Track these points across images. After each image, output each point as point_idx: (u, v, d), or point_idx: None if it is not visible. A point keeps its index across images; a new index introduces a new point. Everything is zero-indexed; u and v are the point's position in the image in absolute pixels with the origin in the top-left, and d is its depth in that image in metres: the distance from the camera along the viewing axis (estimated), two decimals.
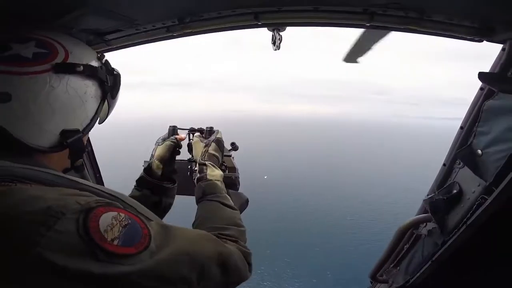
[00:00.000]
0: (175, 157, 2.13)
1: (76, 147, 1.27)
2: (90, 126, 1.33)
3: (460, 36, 1.86)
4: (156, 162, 1.99)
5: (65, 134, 1.21)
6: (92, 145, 2.94)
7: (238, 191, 2.19)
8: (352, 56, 2.63)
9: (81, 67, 1.24)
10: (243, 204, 2.08)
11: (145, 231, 0.99)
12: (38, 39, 1.19)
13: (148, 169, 2.00)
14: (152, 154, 2.04)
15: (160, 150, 2.02)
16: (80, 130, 1.27)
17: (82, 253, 0.83)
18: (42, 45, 1.18)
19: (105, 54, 1.57)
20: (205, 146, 1.96)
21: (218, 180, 1.79)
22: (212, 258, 1.20)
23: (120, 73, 1.57)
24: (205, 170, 1.81)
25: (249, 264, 1.41)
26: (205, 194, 1.70)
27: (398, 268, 2.84)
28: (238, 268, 1.33)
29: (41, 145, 1.15)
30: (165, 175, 2.03)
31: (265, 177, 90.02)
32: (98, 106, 1.36)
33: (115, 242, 0.88)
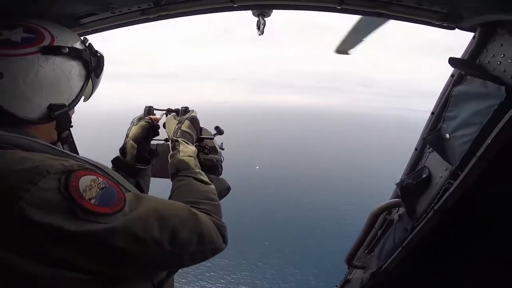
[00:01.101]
0: (151, 138, 2.14)
1: (62, 120, 1.42)
2: (75, 101, 1.48)
3: (429, 21, 1.88)
4: (131, 141, 2.01)
5: (52, 107, 1.35)
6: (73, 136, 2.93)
7: (221, 175, 2.19)
8: (344, 47, 2.65)
9: (66, 49, 1.39)
10: (224, 191, 2.07)
11: (120, 195, 1.08)
12: (25, 25, 1.32)
13: (122, 149, 2.02)
14: (127, 134, 2.06)
15: (134, 130, 2.03)
16: (66, 104, 1.42)
17: (61, 210, 0.92)
18: (29, 31, 1.32)
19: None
20: (178, 123, 1.98)
21: (191, 156, 1.81)
22: (184, 223, 1.26)
23: (103, 54, 1.69)
24: (177, 147, 1.83)
25: (223, 236, 1.46)
26: (178, 170, 1.74)
27: (372, 254, 2.88)
28: (212, 237, 1.38)
29: (31, 117, 1.29)
30: (140, 156, 2.04)
31: (257, 167, 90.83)
32: (83, 84, 1.51)
33: (92, 201, 0.97)
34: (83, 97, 1.56)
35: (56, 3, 1.74)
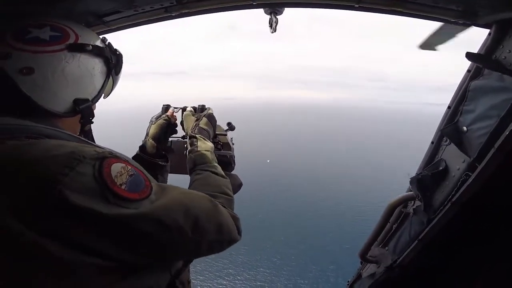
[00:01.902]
0: (169, 135, 2.21)
1: (86, 113, 1.51)
2: (98, 97, 1.56)
3: (445, 19, 1.94)
4: (150, 140, 2.09)
5: (77, 102, 1.43)
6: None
7: (233, 171, 2.25)
8: (430, 44, 2.66)
9: (90, 47, 1.47)
10: (236, 187, 2.11)
11: (147, 183, 1.14)
12: (52, 24, 1.40)
13: (143, 147, 2.10)
14: (146, 133, 2.14)
15: (153, 129, 2.11)
16: (90, 99, 1.50)
17: (95, 194, 0.97)
18: (56, 30, 1.40)
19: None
20: (195, 120, 2.06)
21: (208, 151, 1.88)
22: (206, 212, 1.32)
23: (122, 53, 1.76)
24: (195, 143, 1.91)
25: (238, 228, 1.52)
26: (196, 164, 1.82)
27: (387, 248, 2.91)
28: (229, 228, 1.45)
29: (58, 110, 1.37)
30: (159, 153, 2.12)
31: (268, 160, 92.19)
32: (104, 81, 1.59)
33: (123, 187, 1.03)
34: (103, 94, 1.64)
35: (81, 1, 1.83)
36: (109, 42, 1.69)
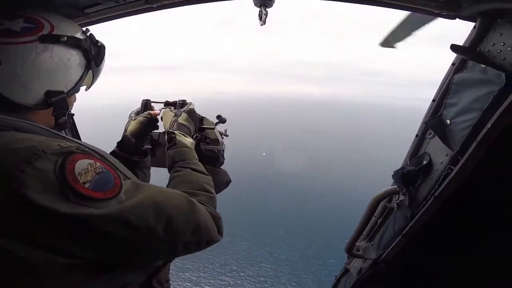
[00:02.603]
0: (149, 131, 2.17)
1: (59, 106, 1.47)
2: (74, 89, 1.53)
3: (429, 10, 1.93)
4: (129, 136, 2.04)
5: (49, 94, 1.40)
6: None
7: (222, 167, 2.20)
8: (390, 41, 2.66)
9: (65, 38, 1.43)
10: (223, 184, 2.09)
11: (116, 181, 1.10)
12: (26, 16, 1.38)
13: (121, 143, 2.04)
14: (125, 128, 2.09)
15: (132, 125, 2.07)
16: (65, 92, 1.47)
17: (54, 191, 0.94)
18: (29, 21, 1.37)
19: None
20: (174, 116, 2.01)
21: (187, 147, 1.84)
22: (181, 212, 1.28)
23: (104, 44, 1.72)
24: (173, 139, 1.85)
25: (219, 228, 1.48)
26: (175, 161, 1.77)
27: (372, 243, 2.90)
28: (208, 228, 1.40)
29: (27, 102, 1.34)
30: (138, 149, 2.07)
31: (264, 153, 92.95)
32: (83, 73, 1.56)
33: (86, 185, 0.99)
34: (84, 86, 1.63)
35: None
36: (90, 34, 1.65)
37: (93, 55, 1.61)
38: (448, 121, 2.00)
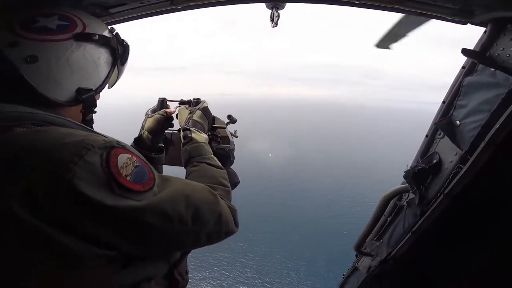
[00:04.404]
0: (165, 129, 2.20)
1: (89, 103, 1.50)
2: (101, 87, 1.56)
3: (442, 17, 1.99)
4: (146, 133, 2.09)
5: (80, 91, 1.43)
6: None
7: (232, 166, 2.24)
8: (386, 42, 2.73)
9: (97, 37, 1.47)
10: (232, 185, 2.04)
11: (151, 175, 1.18)
12: (60, 14, 1.41)
13: (138, 139, 2.10)
14: (142, 125, 2.14)
15: (149, 122, 2.11)
16: (93, 89, 1.50)
17: (101, 183, 1.00)
18: (64, 19, 1.40)
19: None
20: (189, 113, 2.07)
21: (203, 142, 1.90)
22: (206, 203, 1.37)
23: (129, 44, 1.76)
24: (189, 135, 1.91)
25: (235, 219, 1.55)
26: (191, 157, 1.83)
27: (381, 240, 2.96)
28: (228, 219, 1.48)
29: (60, 99, 1.36)
30: (154, 146, 2.12)
31: (270, 155, 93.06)
32: (109, 71, 1.59)
33: (128, 178, 1.06)
34: (108, 84, 1.64)
35: None
36: (116, 33, 1.70)
37: (120, 54, 1.65)
38: (458, 122, 2.08)
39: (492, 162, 1.81)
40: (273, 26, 2.36)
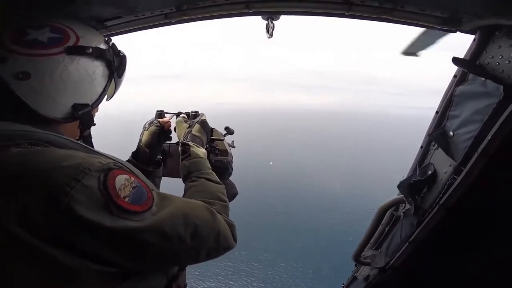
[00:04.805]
0: (163, 142, 2.20)
1: (85, 119, 1.45)
2: (98, 101, 1.51)
3: (431, 26, 1.99)
4: (143, 147, 2.07)
5: (76, 107, 1.38)
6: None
7: (231, 178, 2.24)
8: (413, 49, 2.71)
9: (91, 49, 1.41)
10: (230, 197, 2.07)
11: (149, 195, 1.16)
12: (52, 25, 1.35)
13: (135, 153, 2.08)
14: (140, 139, 2.11)
15: (145, 136, 2.09)
16: (90, 104, 1.45)
17: (99, 206, 0.99)
18: (55, 31, 1.34)
19: None
20: (188, 127, 2.04)
21: (201, 158, 1.88)
22: (205, 221, 1.35)
23: (126, 55, 1.72)
24: (187, 150, 1.89)
25: (233, 235, 1.53)
26: (190, 172, 1.81)
27: (379, 250, 2.95)
28: (226, 235, 1.47)
29: (55, 116, 1.32)
30: (152, 159, 2.10)
31: (271, 163, 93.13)
32: (106, 84, 1.53)
33: (126, 200, 1.05)
34: (106, 96, 1.59)
35: (85, 6, 1.85)
36: (112, 43, 1.65)
37: (116, 66, 1.60)
38: (451, 133, 2.07)
39: (486, 173, 1.80)
40: (269, 37, 2.36)
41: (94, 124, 1.57)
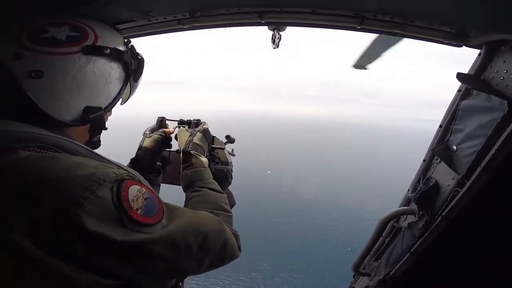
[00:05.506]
0: (163, 149, 2.19)
1: (97, 123, 1.41)
2: (112, 105, 1.46)
3: (439, 40, 2.03)
4: (143, 154, 2.06)
5: (88, 110, 1.33)
6: None
7: (230, 187, 2.25)
8: (362, 63, 2.75)
9: (108, 50, 1.37)
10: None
11: (159, 206, 1.16)
12: (72, 23, 1.33)
13: (134, 160, 2.06)
14: (139, 146, 2.09)
15: (147, 143, 2.08)
16: (102, 108, 1.40)
17: (112, 218, 0.98)
18: (75, 29, 1.32)
19: None
20: (189, 136, 2.02)
21: (204, 167, 1.87)
22: (213, 232, 1.36)
23: (144, 58, 1.69)
24: (189, 159, 1.88)
25: (238, 244, 1.54)
26: (192, 181, 1.80)
27: (380, 261, 2.95)
28: (233, 245, 1.48)
29: (65, 118, 1.27)
30: (151, 166, 2.09)
31: (268, 172, 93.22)
32: (121, 87, 1.50)
33: (139, 212, 1.04)
34: (120, 100, 1.54)
35: (99, 8, 1.83)
36: (131, 45, 1.61)
37: (133, 69, 1.55)
38: (455, 147, 2.09)
39: (489, 187, 1.82)
40: (274, 48, 2.37)
41: (106, 129, 1.52)
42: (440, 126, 2.36)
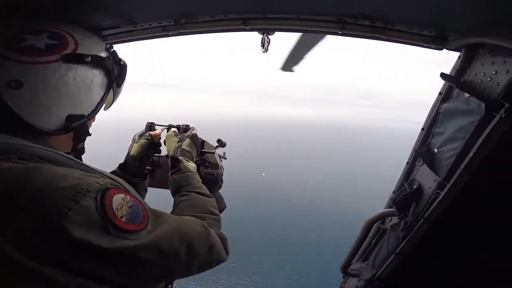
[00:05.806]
0: (152, 154, 2.20)
1: (80, 131, 1.41)
2: (95, 112, 1.45)
3: (419, 43, 2.06)
4: (131, 159, 2.06)
5: (71, 118, 1.31)
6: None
7: (223, 190, 2.26)
8: (288, 65, 2.75)
9: (89, 58, 1.35)
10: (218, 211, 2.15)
11: (144, 213, 1.16)
12: (51, 31, 1.30)
13: (123, 165, 2.06)
14: (128, 151, 2.10)
15: (135, 148, 2.09)
16: (85, 115, 1.38)
17: (96, 226, 0.99)
18: (54, 37, 1.29)
19: None
20: (178, 141, 2.03)
21: (192, 172, 1.88)
22: (199, 237, 1.37)
23: (126, 63, 1.68)
24: (178, 164, 1.89)
25: (226, 248, 1.55)
26: (180, 186, 1.81)
27: (367, 262, 2.98)
28: (219, 249, 1.49)
29: (48, 127, 1.26)
30: (139, 171, 2.09)
31: (263, 174, 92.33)
32: (104, 94, 1.48)
33: (123, 219, 1.05)
34: (103, 106, 1.53)
35: (82, 14, 1.86)
36: (113, 51, 1.59)
37: (115, 75, 1.54)
38: (436, 150, 2.12)
39: (468, 189, 1.85)
40: (264, 52, 2.39)
41: (90, 135, 1.52)
42: (423, 129, 2.39)
